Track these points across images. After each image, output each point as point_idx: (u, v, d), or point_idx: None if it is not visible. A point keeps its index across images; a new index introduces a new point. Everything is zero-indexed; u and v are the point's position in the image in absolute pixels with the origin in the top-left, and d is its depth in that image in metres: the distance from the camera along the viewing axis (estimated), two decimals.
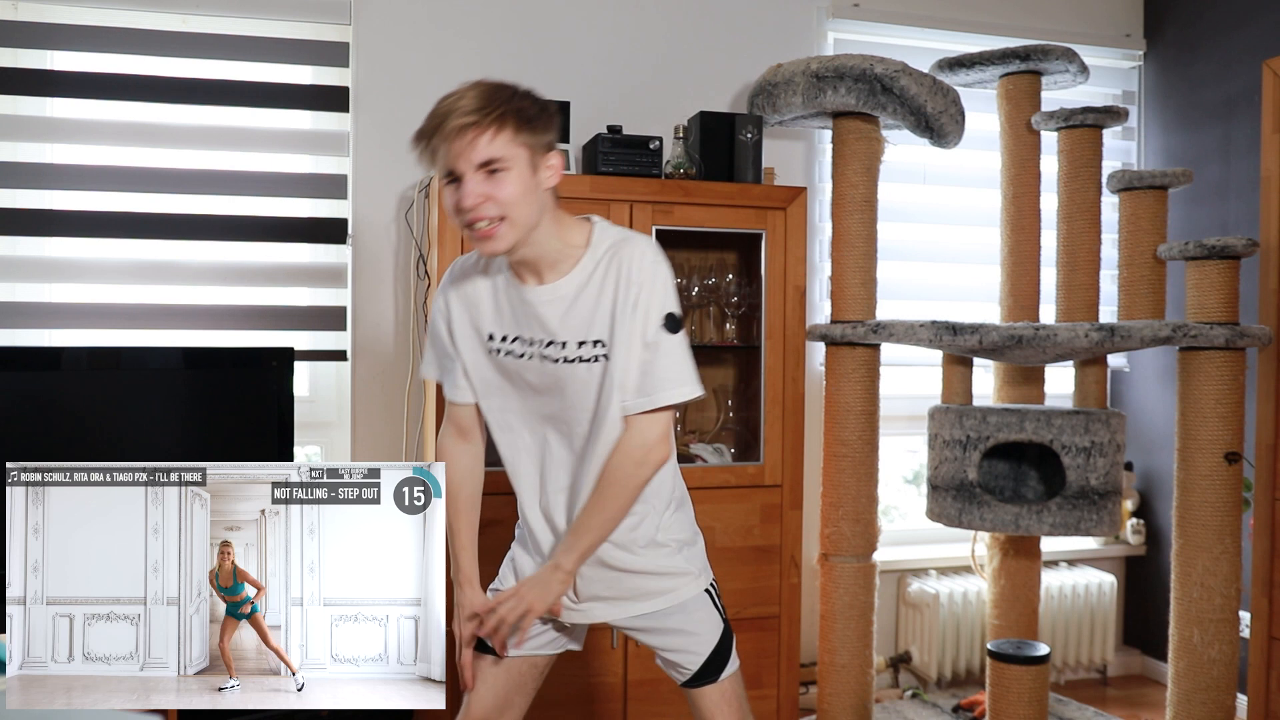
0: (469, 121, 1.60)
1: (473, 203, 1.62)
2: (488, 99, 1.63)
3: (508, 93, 1.66)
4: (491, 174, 1.62)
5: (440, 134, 1.61)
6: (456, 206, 1.64)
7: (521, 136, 1.64)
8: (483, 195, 1.62)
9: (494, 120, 1.61)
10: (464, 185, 1.62)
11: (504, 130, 1.62)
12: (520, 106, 1.66)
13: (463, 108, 1.61)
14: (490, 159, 1.61)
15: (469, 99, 1.63)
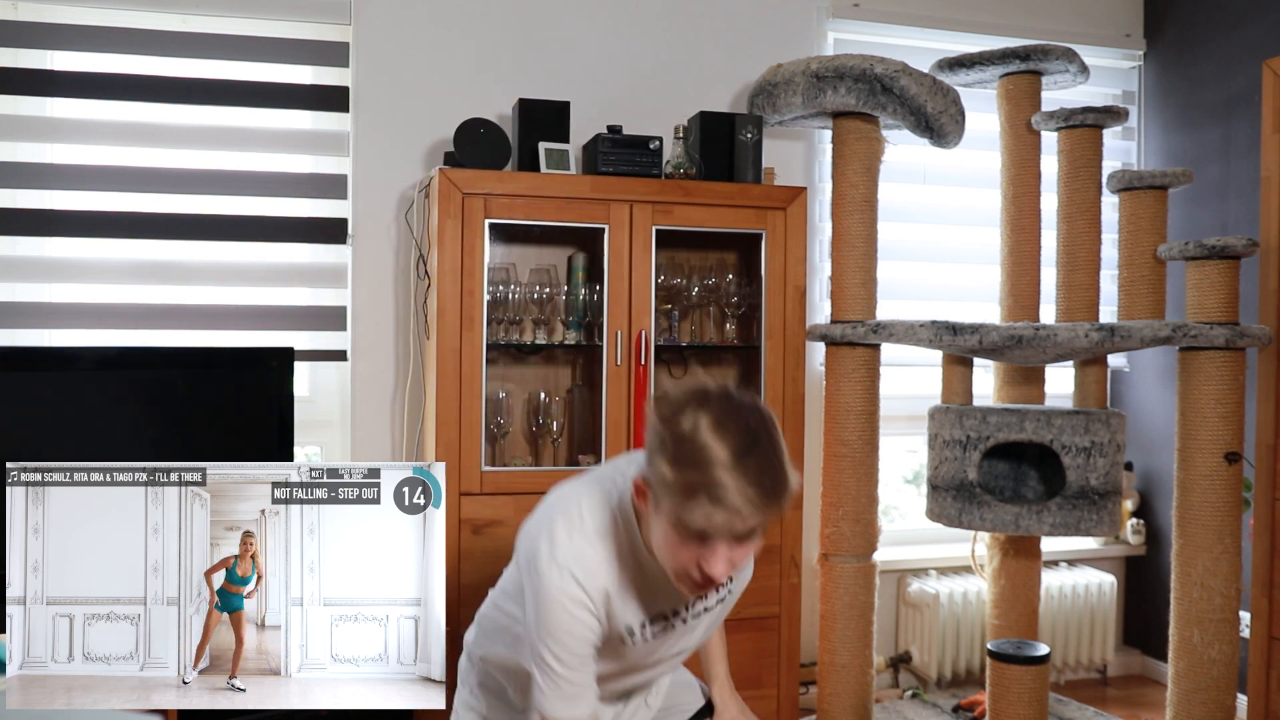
0: (761, 521, 1.43)
1: (724, 573, 1.46)
2: (779, 507, 1.43)
3: (784, 480, 1.43)
4: (745, 543, 1.47)
5: (725, 527, 1.41)
6: (700, 568, 1.46)
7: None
8: (732, 564, 1.47)
9: (774, 516, 1.44)
10: (718, 553, 1.44)
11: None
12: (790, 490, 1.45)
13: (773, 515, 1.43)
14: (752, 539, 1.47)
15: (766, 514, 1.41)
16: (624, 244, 2.85)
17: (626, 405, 2.84)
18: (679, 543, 1.45)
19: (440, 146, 3.09)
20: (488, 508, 2.75)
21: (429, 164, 3.11)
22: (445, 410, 2.72)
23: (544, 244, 3.07)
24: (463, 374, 2.73)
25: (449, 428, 2.72)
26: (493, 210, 2.76)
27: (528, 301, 2.96)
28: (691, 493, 1.39)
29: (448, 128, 2.94)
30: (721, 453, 1.38)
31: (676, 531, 1.44)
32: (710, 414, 1.41)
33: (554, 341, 3.04)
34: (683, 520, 1.41)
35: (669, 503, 1.42)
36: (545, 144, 2.86)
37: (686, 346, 3.11)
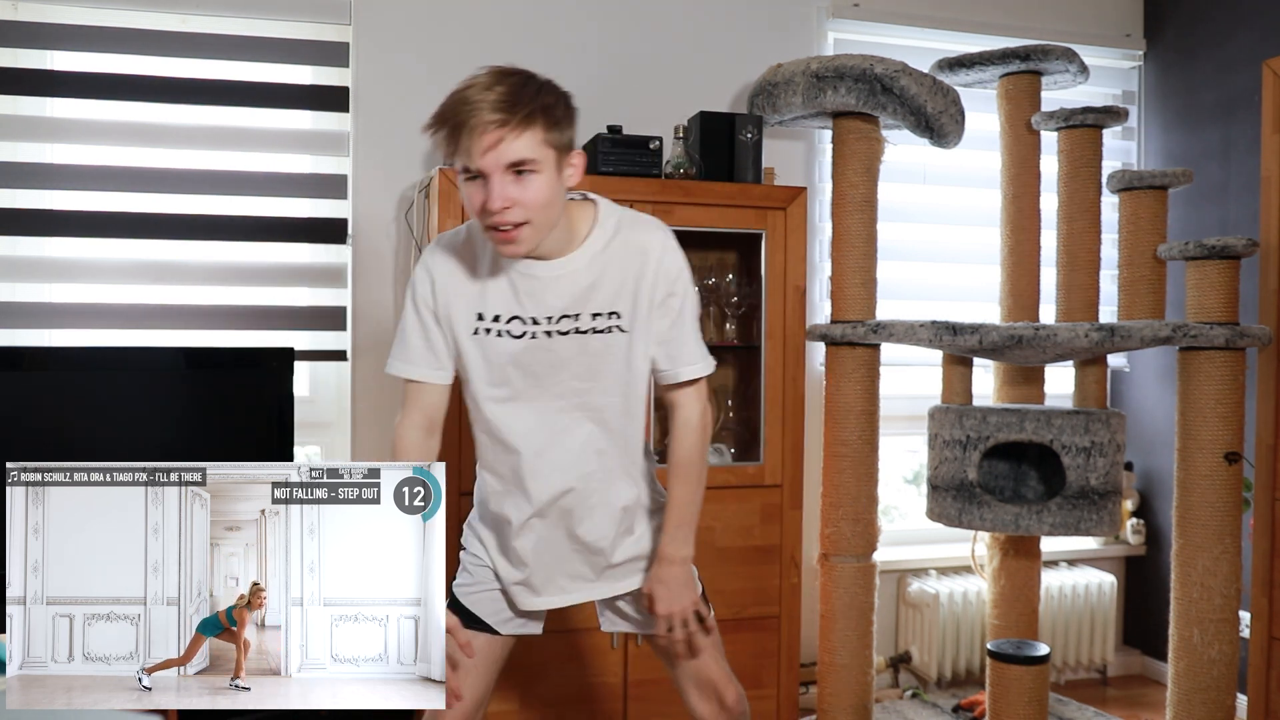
0: (497, 119, 1.53)
1: (500, 205, 1.56)
2: (516, 96, 1.55)
3: (534, 87, 1.59)
4: (519, 175, 1.57)
5: (466, 129, 1.54)
6: (482, 207, 1.58)
7: (550, 136, 1.59)
8: (510, 199, 1.57)
9: (523, 120, 1.54)
10: (491, 186, 1.56)
11: (532, 130, 1.56)
12: (548, 104, 1.59)
13: (490, 102, 1.53)
14: (519, 160, 1.56)
15: (496, 94, 1.54)
16: None
17: None
18: (465, 189, 1.59)
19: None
20: None
21: (429, 164, 3.11)
22: None
23: None
24: None
25: (449, 428, 2.71)
26: None
27: None
28: (442, 122, 1.55)
29: None
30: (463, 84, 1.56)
31: (460, 178, 1.59)
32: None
33: None
34: (449, 156, 1.56)
35: (444, 151, 1.58)
36: None
37: None
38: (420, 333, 1.81)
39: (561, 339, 1.73)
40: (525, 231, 1.61)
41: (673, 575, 1.83)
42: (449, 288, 1.76)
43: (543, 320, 1.73)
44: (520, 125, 1.55)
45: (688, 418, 1.82)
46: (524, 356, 1.75)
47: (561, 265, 1.71)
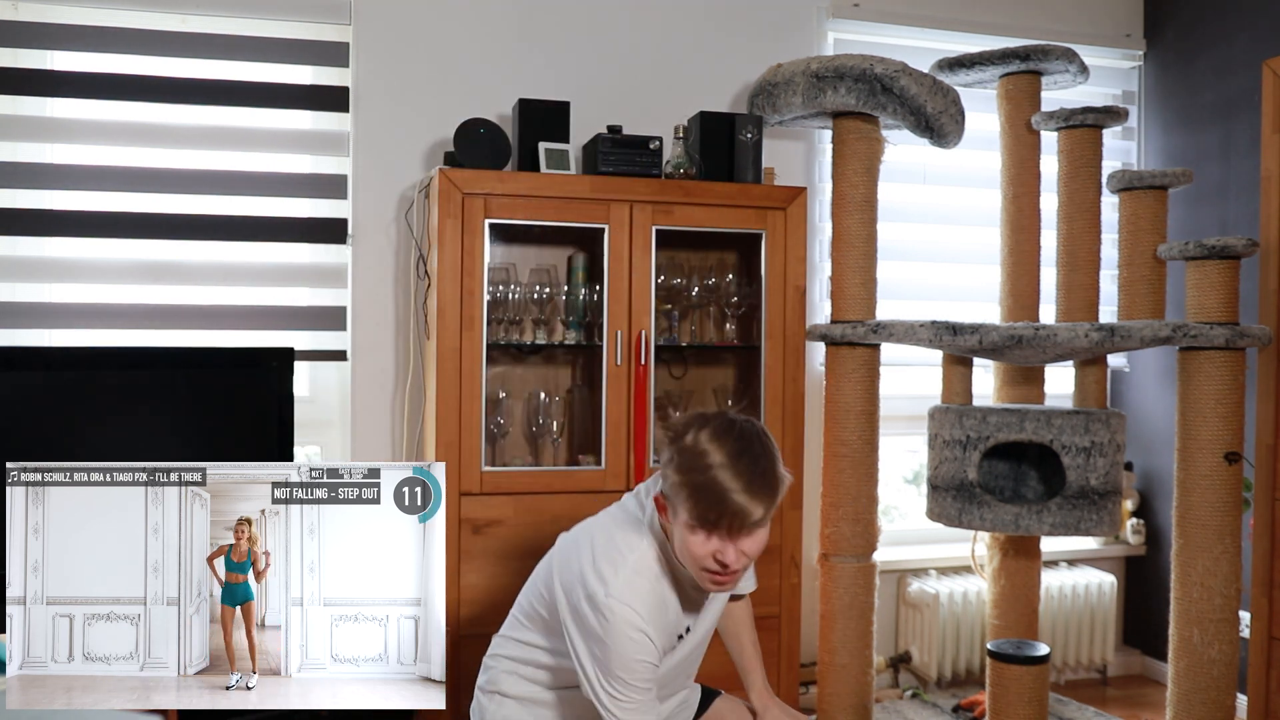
0: (760, 518, 1.64)
1: (737, 566, 1.66)
2: (775, 496, 1.66)
3: (780, 479, 1.68)
4: (751, 533, 1.66)
5: (735, 528, 1.63)
6: (716, 559, 1.66)
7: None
8: (744, 556, 1.67)
9: (772, 507, 1.66)
10: (730, 549, 1.65)
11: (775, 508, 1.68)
12: (782, 492, 1.68)
13: (758, 510, 1.63)
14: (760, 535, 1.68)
15: (763, 501, 1.63)
16: (624, 244, 2.85)
17: (626, 405, 2.84)
18: (696, 541, 1.65)
19: (440, 146, 3.09)
20: (488, 508, 2.75)
21: (429, 164, 3.11)
22: (445, 410, 2.72)
23: (544, 244, 3.07)
24: (463, 374, 2.73)
25: (449, 428, 2.72)
26: (493, 210, 2.76)
27: (528, 301, 2.96)
28: (696, 492, 1.62)
29: (448, 128, 2.94)
30: (718, 455, 1.63)
31: (692, 531, 1.64)
32: (709, 427, 1.67)
33: (554, 341, 3.04)
34: (693, 519, 1.63)
35: (682, 507, 1.64)
36: (545, 144, 2.86)
37: (686, 346, 3.11)
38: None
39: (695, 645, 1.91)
40: (735, 578, 1.71)
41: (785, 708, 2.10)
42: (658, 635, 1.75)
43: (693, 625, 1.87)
44: (769, 511, 1.67)
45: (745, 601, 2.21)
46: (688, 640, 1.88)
47: (715, 601, 1.91)
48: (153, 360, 2.59)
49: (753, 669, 2.12)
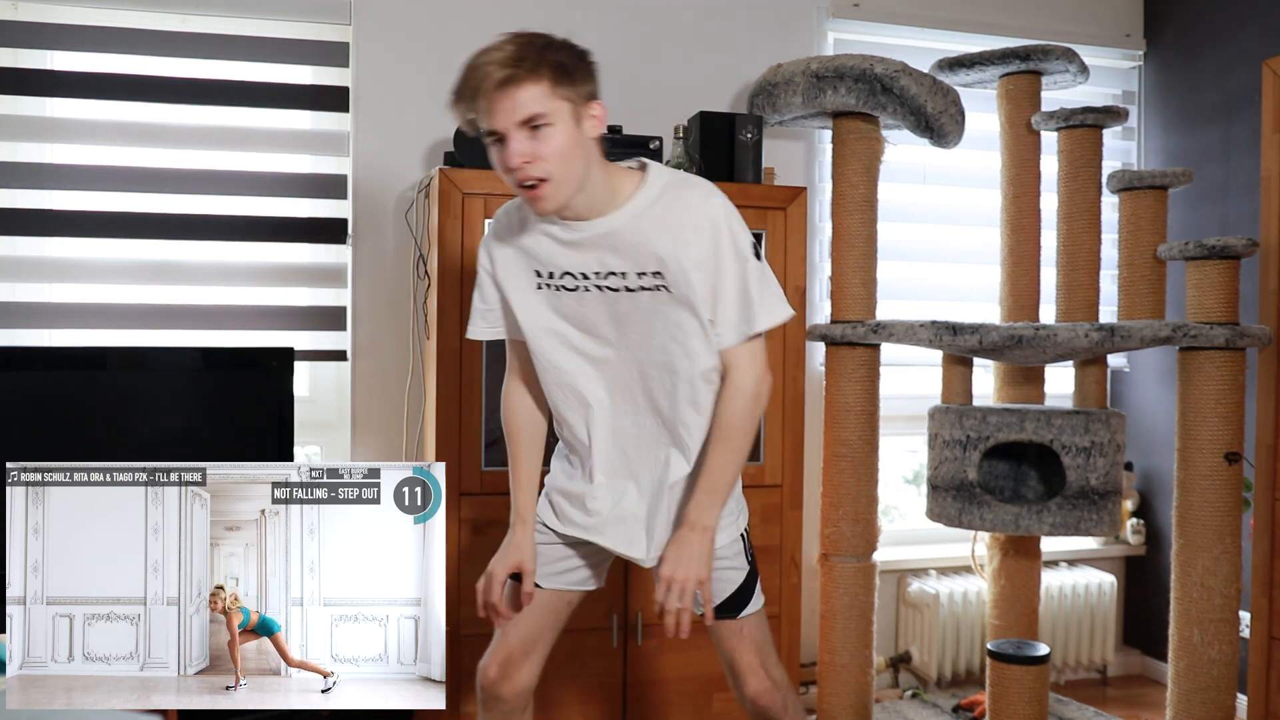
0: (506, 75, 1.57)
1: (518, 162, 1.60)
2: (523, 51, 1.59)
3: (542, 41, 1.63)
4: (535, 130, 1.60)
5: (480, 91, 1.58)
6: (504, 166, 1.63)
7: (561, 89, 1.61)
8: (528, 154, 1.60)
9: (530, 74, 1.58)
10: (508, 144, 1.60)
11: (542, 83, 1.59)
12: (558, 58, 1.62)
13: (498, 60, 1.57)
14: (532, 115, 1.59)
15: (504, 52, 1.58)
16: None
17: None
18: (492, 154, 1.64)
19: (440, 146, 3.09)
20: (488, 508, 2.75)
21: (429, 164, 3.11)
22: (445, 410, 2.72)
23: None
24: (462, 374, 2.73)
25: (449, 428, 2.72)
26: (493, 210, 2.75)
27: None
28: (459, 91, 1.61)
29: (448, 128, 2.94)
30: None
31: (489, 146, 1.64)
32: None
33: None
34: (471, 125, 1.63)
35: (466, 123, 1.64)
36: None
37: None
38: (495, 302, 1.88)
39: (612, 294, 1.75)
40: (548, 188, 1.63)
41: (691, 541, 1.75)
42: (504, 263, 1.82)
43: (591, 275, 1.75)
44: (528, 80, 1.58)
45: (737, 383, 1.77)
46: (579, 310, 1.78)
47: (604, 223, 1.72)
48: (153, 360, 2.59)
49: (696, 489, 1.79)
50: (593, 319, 1.78)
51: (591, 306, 1.77)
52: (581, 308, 1.78)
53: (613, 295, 1.75)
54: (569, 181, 1.65)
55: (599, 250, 1.73)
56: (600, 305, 1.77)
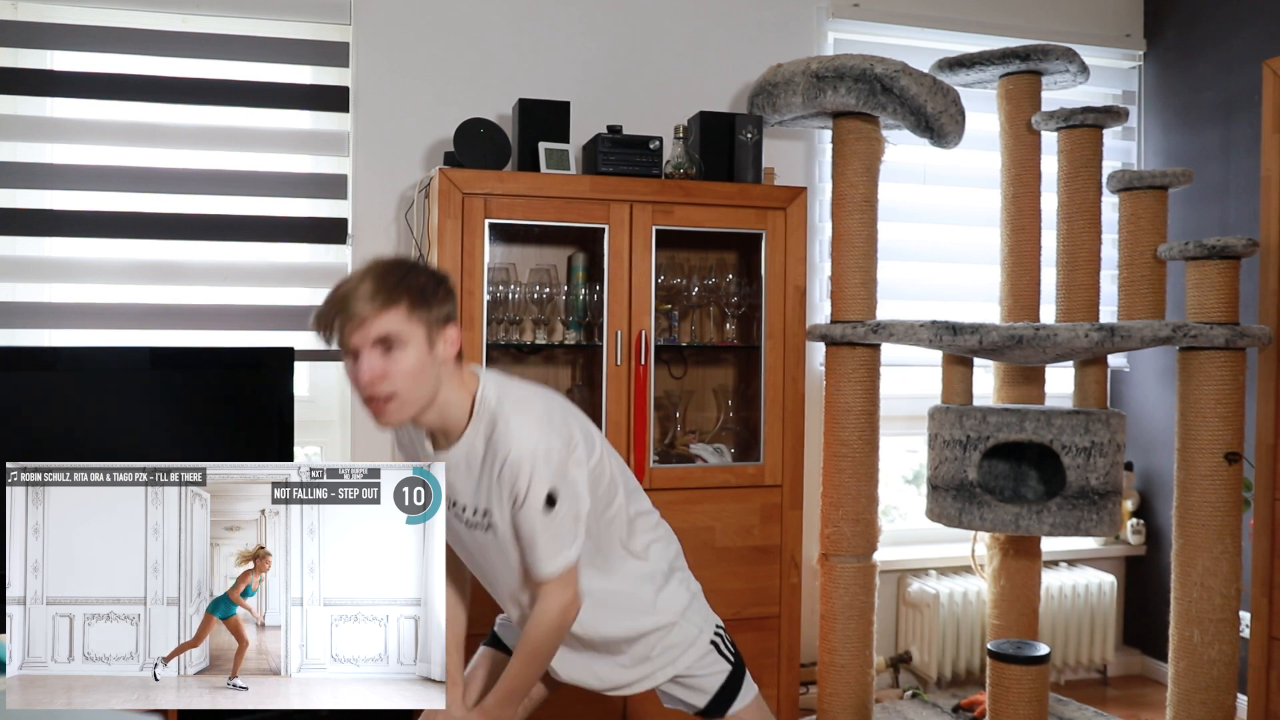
0: (366, 304, 1.62)
1: (368, 379, 1.64)
2: (383, 278, 1.64)
3: (402, 270, 1.67)
4: (388, 350, 1.64)
5: (341, 317, 1.63)
6: (354, 381, 1.67)
7: (417, 313, 1.65)
8: (378, 373, 1.64)
9: (387, 300, 1.62)
10: (360, 361, 1.64)
11: (398, 308, 1.63)
12: (416, 284, 1.66)
13: (362, 292, 1.62)
14: (385, 335, 1.63)
15: (367, 283, 1.63)
16: (624, 244, 2.85)
17: (626, 405, 2.85)
18: (348, 372, 1.68)
19: (440, 146, 3.09)
20: None
21: (429, 164, 3.11)
22: None
23: (544, 244, 3.07)
24: None
25: None
26: (493, 210, 2.77)
27: (528, 301, 2.96)
28: (321, 320, 1.65)
29: (448, 128, 2.94)
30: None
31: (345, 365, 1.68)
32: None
33: (554, 341, 3.04)
34: (333, 344, 1.66)
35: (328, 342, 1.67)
36: (545, 144, 2.86)
37: (686, 346, 3.11)
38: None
39: (458, 522, 1.81)
40: (393, 405, 1.67)
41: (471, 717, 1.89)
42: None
43: (453, 506, 1.80)
44: (385, 304, 1.62)
45: (545, 609, 1.79)
46: (452, 525, 1.81)
47: (451, 453, 1.77)
48: (153, 360, 2.59)
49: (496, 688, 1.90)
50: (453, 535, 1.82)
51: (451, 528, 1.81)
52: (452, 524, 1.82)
53: (461, 528, 1.81)
54: (415, 401, 1.68)
55: (450, 482, 1.76)
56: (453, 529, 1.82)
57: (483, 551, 1.82)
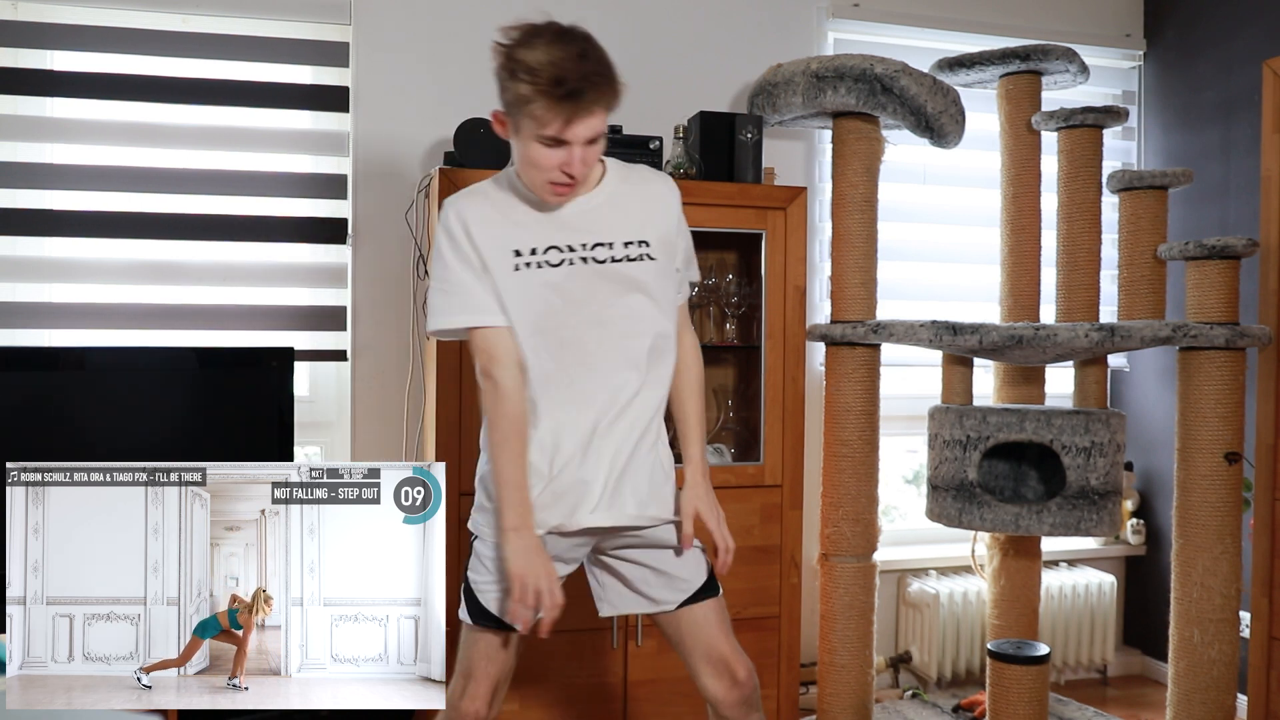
0: (603, 102, 1.68)
1: (579, 170, 1.71)
2: (610, 76, 1.70)
3: (606, 58, 1.72)
4: (592, 143, 1.72)
5: (579, 106, 1.65)
6: (555, 167, 1.71)
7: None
8: (583, 162, 1.72)
9: (614, 96, 1.71)
10: (574, 153, 1.70)
11: (613, 105, 1.72)
12: (618, 81, 1.72)
13: (597, 84, 1.66)
14: (598, 134, 1.72)
15: (602, 76, 1.67)
16: None
17: None
18: (537, 149, 1.69)
19: (440, 146, 3.09)
20: None
21: (429, 164, 3.11)
22: (445, 410, 2.72)
23: None
24: (462, 374, 2.73)
25: (449, 428, 2.72)
26: None
27: None
28: (553, 91, 1.63)
29: (448, 128, 2.94)
30: (540, 53, 1.65)
31: (530, 139, 1.69)
32: (534, 35, 1.67)
33: None
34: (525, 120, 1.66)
35: (513, 115, 1.69)
36: None
37: None
38: (475, 279, 1.79)
39: (598, 266, 1.81)
40: (576, 186, 1.77)
41: (710, 492, 1.94)
42: (483, 233, 1.80)
43: (578, 247, 1.81)
44: (612, 103, 1.72)
45: (692, 339, 2.01)
46: (565, 284, 1.80)
47: (586, 201, 1.83)
48: (153, 360, 2.59)
49: (691, 440, 1.96)
50: (571, 291, 1.80)
51: (574, 280, 1.80)
52: (564, 281, 1.79)
53: (597, 267, 1.81)
54: (585, 181, 1.81)
55: (585, 224, 1.83)
56: (580, 279, 1.80)
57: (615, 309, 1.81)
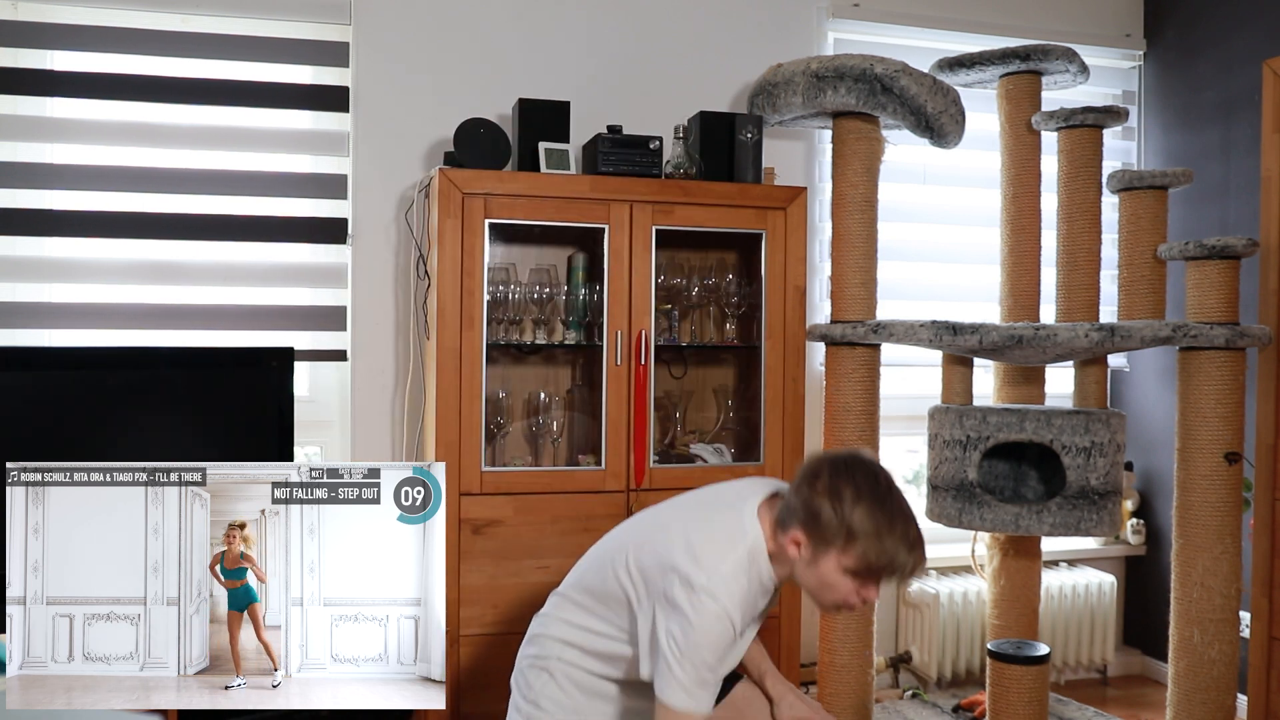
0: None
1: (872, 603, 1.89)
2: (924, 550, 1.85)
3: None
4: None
5: (897, 576, 1.80)
6: (856, 597, 1.81)
7: None
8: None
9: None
10: (874, 593, 1.82)
11: None
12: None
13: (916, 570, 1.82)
14: None
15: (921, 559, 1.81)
16: (624, 244, 2.85)
17: (626, 405, 2.85)
18: (845, 584, 1.79)
19: (440, 146, 3.09)
20: (487, 508, 2.76)
21: (429, 164, 3.11)
22: (445, 410, 2.72)
23: (544, 244, 3.07)
24: (462, 374, 2.73)
25: (449, 428, 2.72)
26: (493, 210, 2.77)
27: (527, 301, 2.96)
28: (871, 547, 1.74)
29: (448, 128, 2.94)
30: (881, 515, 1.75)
31: (848, 575, 1.78)
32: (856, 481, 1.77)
33: (554, 341, 3.04)
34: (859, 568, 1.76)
35: (845, 554, 1.76)
36: (545, 144, 2.86)
37: (686, 346, 3.11)
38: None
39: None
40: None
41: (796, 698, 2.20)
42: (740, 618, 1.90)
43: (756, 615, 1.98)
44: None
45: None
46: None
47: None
48: (153, 360, 2.59)
49: (762, 659, 2.22)
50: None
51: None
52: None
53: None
54: None
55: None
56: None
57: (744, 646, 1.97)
